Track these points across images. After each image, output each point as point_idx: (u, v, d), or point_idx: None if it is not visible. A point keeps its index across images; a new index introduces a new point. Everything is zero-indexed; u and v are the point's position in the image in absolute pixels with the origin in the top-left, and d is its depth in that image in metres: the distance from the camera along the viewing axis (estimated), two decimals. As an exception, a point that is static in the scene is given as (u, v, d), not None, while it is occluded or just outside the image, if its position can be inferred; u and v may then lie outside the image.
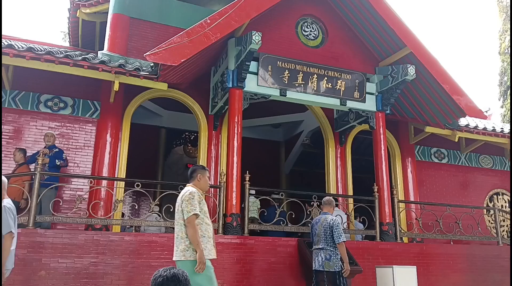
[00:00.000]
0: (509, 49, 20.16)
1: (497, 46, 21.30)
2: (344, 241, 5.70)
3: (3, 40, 8.17)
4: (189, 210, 4.14)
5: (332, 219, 5.81)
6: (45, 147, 7.62)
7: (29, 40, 10.10)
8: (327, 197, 6.25)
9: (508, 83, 20.26)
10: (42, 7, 38.65)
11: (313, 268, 5.83)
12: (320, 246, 5.78)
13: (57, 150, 7.60)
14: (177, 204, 4.36)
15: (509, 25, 20.38)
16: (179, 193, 4.45)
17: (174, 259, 4.24)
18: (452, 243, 9.30)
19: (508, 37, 20.27)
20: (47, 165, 7.24)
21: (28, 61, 6.99)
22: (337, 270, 5.63)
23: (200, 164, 4.76)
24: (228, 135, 7.80)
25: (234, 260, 6.79)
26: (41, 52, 7.02)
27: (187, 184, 4.49)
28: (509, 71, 20.04)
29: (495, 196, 11.61)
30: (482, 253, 8.73)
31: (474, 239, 9.14)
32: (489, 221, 10.91)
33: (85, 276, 6.05)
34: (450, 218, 8.94)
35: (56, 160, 7.40)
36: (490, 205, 11.29)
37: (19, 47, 7.06)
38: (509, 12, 20.52)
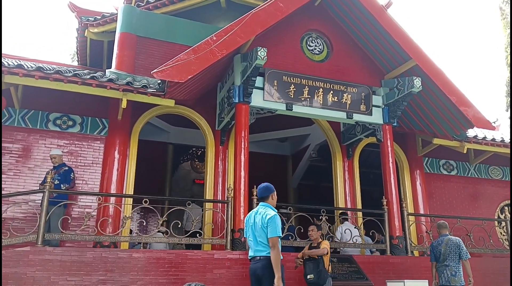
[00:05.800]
0: None
1: (503, 58, 21.23)
2: (469, 258, 6.61)
3: (13, 60, 8.32)
4: None
5: (458, 240, 6.69)
6: (53, 167, 7.62)
7: (38, 59, 10.29)
8: (443, 221, 7.07)
9: None
10: (51, 27, 39.40)
11: (440, 284, 6.61)
12: (446, 263, 6.57)
13: (66, 168, 7.58)
14: None
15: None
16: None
17: None
18: (464, 256, 9.15)
19: None
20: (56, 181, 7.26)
21: (37, 80, 7.10)
22: (462, 284, 6.44)
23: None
24: (235, 150, 7.81)
25: (243, 276, 6.72)
26: (50, 72, 7.12)
27: None
28: None
29: (506, 208, 11.41)
30: (495, 266, 8.58)
31: (486, 251, 8.99)
32: (501, 233, 10.75)
33: (94, 294, 6.03)
34: (461, 231, 8.82)
35: (62, 185, 7.32)
36: (502, 217, 11.13)
37: (28, 67, 7.18)
38: None
